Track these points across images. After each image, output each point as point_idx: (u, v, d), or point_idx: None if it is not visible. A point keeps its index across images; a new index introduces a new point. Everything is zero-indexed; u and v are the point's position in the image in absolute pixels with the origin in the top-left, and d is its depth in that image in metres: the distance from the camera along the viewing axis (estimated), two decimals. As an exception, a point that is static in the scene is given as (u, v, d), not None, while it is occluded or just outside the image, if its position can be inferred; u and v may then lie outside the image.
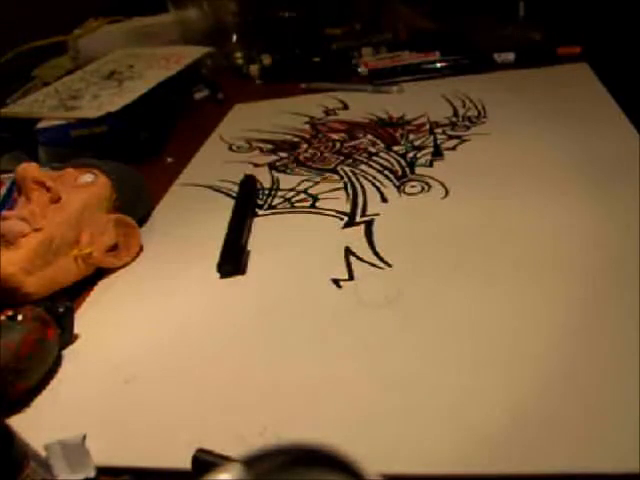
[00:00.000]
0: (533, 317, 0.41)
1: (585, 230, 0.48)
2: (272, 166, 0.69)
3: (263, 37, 1.02)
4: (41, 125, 0.76)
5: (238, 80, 0.99)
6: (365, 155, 0.67)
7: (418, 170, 0.62)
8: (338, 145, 0.71)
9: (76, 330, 0.48)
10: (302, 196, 0.61)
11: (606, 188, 0.52)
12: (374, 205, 0.57)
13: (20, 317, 0.43)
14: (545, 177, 0.56)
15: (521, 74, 0.78)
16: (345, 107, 0.80)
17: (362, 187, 0.61)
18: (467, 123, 0.69)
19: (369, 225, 0.55)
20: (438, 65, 0.85)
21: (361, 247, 0.52)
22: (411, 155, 0.65)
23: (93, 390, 0.43)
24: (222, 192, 0.65)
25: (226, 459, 0.33)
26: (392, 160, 0.65)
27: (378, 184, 0.61)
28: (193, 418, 0.39)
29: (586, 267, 0.45)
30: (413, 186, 0.59)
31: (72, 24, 1.10)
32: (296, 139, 0.74)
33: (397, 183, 0.60)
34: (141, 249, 0.58)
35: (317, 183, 0.63)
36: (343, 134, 0.73)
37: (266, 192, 0.63)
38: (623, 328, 0.39)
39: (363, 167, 0.64)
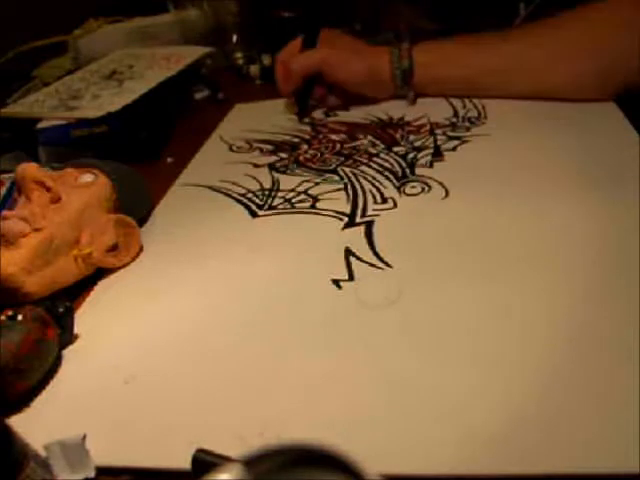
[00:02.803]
0: (534, 317, 0.41)
1: (586, 230, 0.48)
2: (272, 167, 0.69)
3: (263, 37, 1.02)
4: (41, 125, 0.76)
5: (238, 80, 0.99)
6: (365, 156, 0.67)
7: (418, 171, 0.62)
8: (338, 146, 0.71)
9: (76, 330, 0.48)
10: (302, 197, 0.61)
11: (606, 188, 0.53)
12: (374, 206, 0.57)
13: (20, 317, 0.43)
14: (545, 177, 0.56)
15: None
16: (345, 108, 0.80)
17: (362, 188, 0.61)
18: (467, 124, 0.69)
19: (369, 226, 0.55)
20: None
21: (361, 248, 0.52)
22: (411, 156, 0.65)
23: (93, 390, 0.43)
24: (222, 192, 0.65)
25: (226, 459, 0.33)
26: (392, 161, 0.65)
27: (378, 185, 0.61)
28: (193, 418, 0.39)
29: (587, 268, 0.45)
30: (413, 187, 0.59)
31: (72, 24, 1.10)
32: (296, 140, 0.74)
33: (397, 184, 0.60)
34: (141, 249, 0.58)
35: (317, 184, 0.63)
36: (343, 135, 0.73)
37: (266, 192, 0.64)
38: (624, 328, 0.39)
39: (363, 168, 0.65)
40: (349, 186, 0.62)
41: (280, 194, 0.63)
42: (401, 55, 0.72)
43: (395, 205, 0.57)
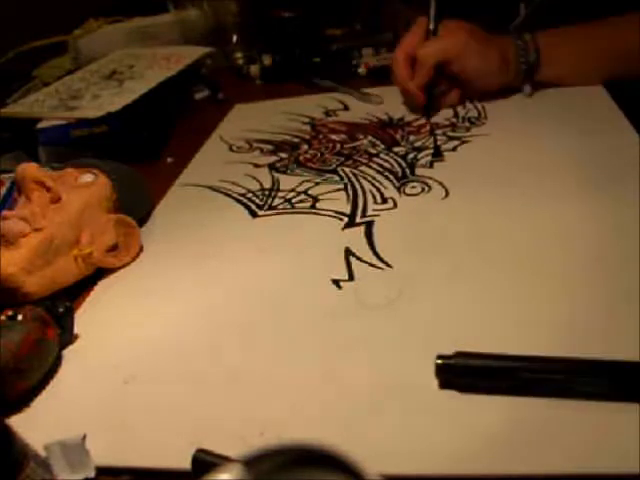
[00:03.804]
0: (533, 318, 0.41)
1: (586, 230, 0.48)
2: (272, 167, 0.69)
3: (263, 37, 1.02)
4: (41, 125, 0.76)
5: (238, 80, 0.99)
6: (365, 156, 0.67)
7: (418, 171, 0.62)
8: (338, 146, 0.71)
9: (76, 330, 0.48)
10: (302, 197, 0.61)
11: (606, 189, 0.53)
12: (374, 206, 0.57)
13: (20, 317, 0.43)
14: (545, 178, 0.56)
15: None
16: (345, 108, 0.80)
17: (362, 188, 0.61)
18: (467, 124, 0.69)
19: (369, 226, 0.55)
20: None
21: (361, 248, 0.52)
22: (411, 156, 0.65)
23: (93, 390, 0.43)
24: (222, 192, 0.65)
25: (226, 459, 0.33)
26: (392, 161, 0.65)
27: (378, 185, 0.61)
28: (193, 418, 0.39)
29: (587, 268, 0.45)
30: (413, 187, 0.59)
31: (72, 24, 1.10)
32: (296, 140, 0.74)
33: (397, 184, 0.60)
34: (141, 249, 0.58)
35: (317, 184, 0.63)
36: (343, 135, 0.73)
37: (266, 192, 0.63)
38: (623, 329, 0.39)
39: (363, 168, 0.65)
40: (349, 186, 0.62)
41: (280, 194, 0.63)
42: (527, 47, 0.68)
43: (395, 205, 0.57)
